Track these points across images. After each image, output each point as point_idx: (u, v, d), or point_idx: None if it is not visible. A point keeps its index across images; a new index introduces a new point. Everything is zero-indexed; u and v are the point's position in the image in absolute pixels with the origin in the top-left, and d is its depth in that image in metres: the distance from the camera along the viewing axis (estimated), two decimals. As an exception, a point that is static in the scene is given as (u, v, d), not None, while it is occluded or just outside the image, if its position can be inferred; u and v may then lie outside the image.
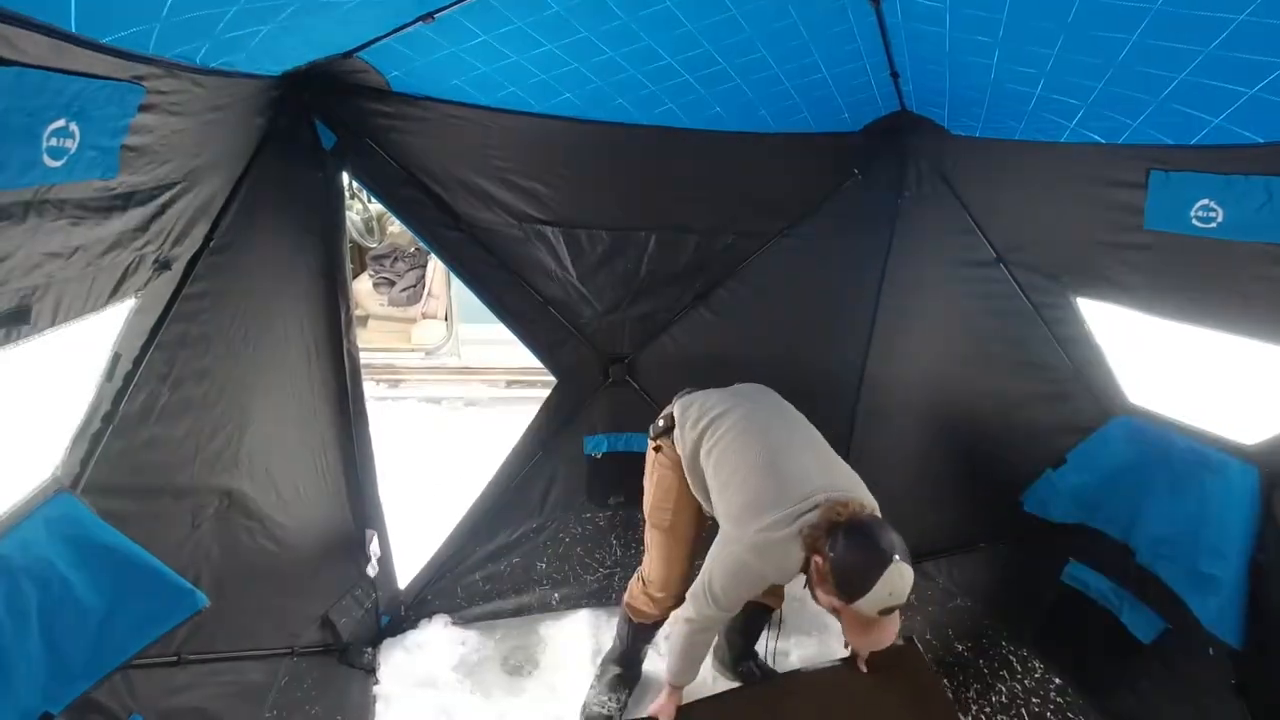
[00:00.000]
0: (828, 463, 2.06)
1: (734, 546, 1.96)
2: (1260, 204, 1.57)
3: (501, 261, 2.56)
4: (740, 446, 2.08)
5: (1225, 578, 1.79)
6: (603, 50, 1.91)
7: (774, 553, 1.88)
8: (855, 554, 1.72)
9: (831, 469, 2.03)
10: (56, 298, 1.25)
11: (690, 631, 2.13)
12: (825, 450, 2.11)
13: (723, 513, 2.05)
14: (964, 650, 2.64)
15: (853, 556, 1.72)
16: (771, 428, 2.13)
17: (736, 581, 1.98)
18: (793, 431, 2.14)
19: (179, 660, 1.85)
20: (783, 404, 2.28)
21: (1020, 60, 1.64)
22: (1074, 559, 2.33)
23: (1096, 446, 2.20)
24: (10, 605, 1.31)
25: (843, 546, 1.74)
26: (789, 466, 1.98)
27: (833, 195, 2.70)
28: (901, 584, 1.70)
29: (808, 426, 2.19)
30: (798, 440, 2.11)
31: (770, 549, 1.88)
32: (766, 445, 2.05)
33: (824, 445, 2.13)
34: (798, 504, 1.86)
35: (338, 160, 2.25)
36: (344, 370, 2.44)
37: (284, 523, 2.26)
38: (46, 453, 1.47)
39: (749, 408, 2.20)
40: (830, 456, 2.09)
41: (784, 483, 1.94)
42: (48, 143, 1.06)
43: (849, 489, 1.94)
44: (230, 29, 1.32)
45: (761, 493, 1.95)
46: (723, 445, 2.11)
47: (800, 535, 1.82)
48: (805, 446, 2.09)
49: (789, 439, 2.10)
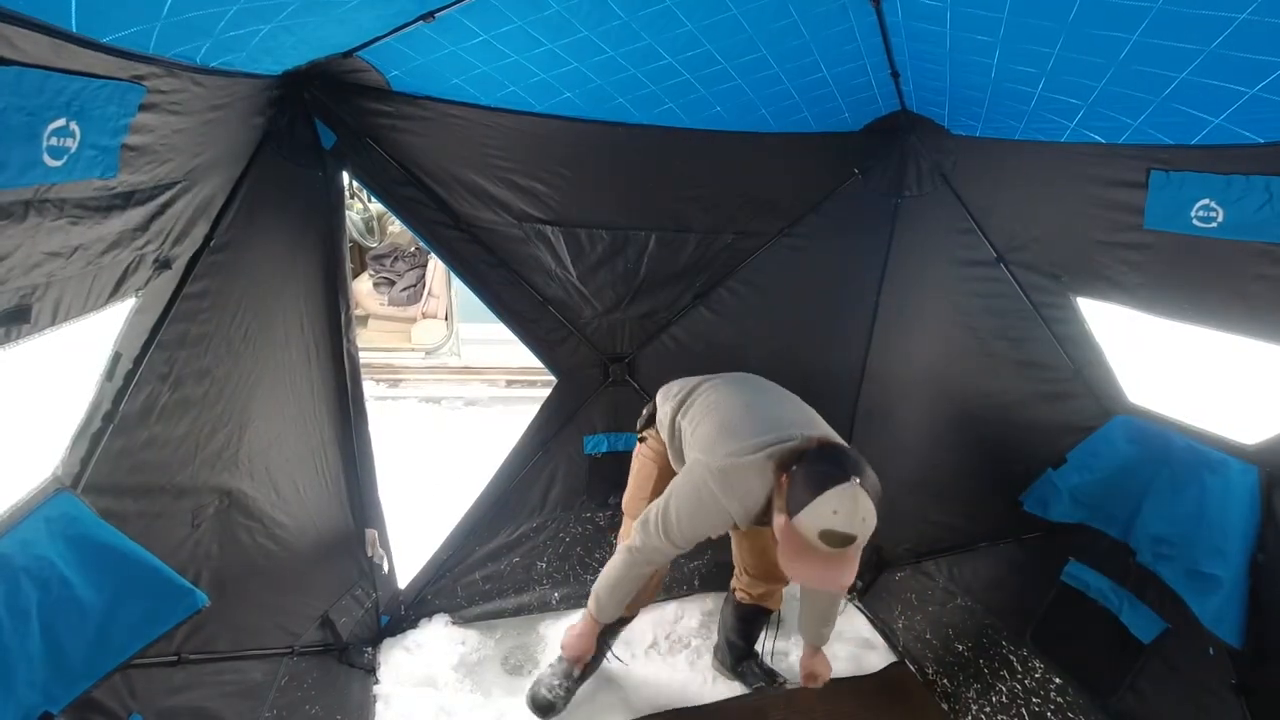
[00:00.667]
0: (811, 416, 1.99)
1: (698, 470, 1.84)
2: (1260, 204, 1.58)
3: (501, 261, 2.56)
4: (717, 400, 2.03)
5: (1225, 577, 1.79)
6: (603, 49, 1.91)
7: (739, 479, 1.76)
8: (816, 466, 1.63)
9: (815, 422, 1.95)
10: (57, 297, 1.25)
11: (628, 562, 1.99)
12: (811, 411, 2.03)
13: (695, 444, 1.94)
14: (964, 650, 2.64)
15: (813, 469, 1.63)
16: (752, 390, 2.10)
17: (693, 509, 1.84)
18: (776, 393, 2.11)
19: (179, 660, 1.85)
20: (771, 383, 2.25)
21: (1021, 59, 1.64)
22: (1074, 559, 2.33)
23: (1097, 446, 2.20)
24: (10, 605, 1.31)
25: (808, 460, 1.66)
26: (768, 411, 1.93)
27: (833, 195, 2.70)
28: (851, 506, 1.56)
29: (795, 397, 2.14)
30: (780, 398, 2.08)
31: (736, 474, 1.77)
32: (745, 397, 2.01)
33: (811, 409, 2.05)
34: (773, 434, 1.78)
35: (338, 160, 2.25)
36: (344, 370, 2.44)
37: (284, 522, 2.26)
38: (47, 452, 1.47)
39: (729, 378, 2.19)
40: (815, 415, 2.01)
41: (760, 419, 1.87)
42: (48, 142, 1.06)
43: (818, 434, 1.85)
44: (230, 28, 1.32)
45: (736, 423, 1.88)
46: (699, 404, 2.07)
47: (770, 460, 1.73)
48: (786, 401, 2.05)
49: (770, 396, 2.07)
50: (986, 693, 2.50)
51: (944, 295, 2.63)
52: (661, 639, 2.87)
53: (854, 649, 2.86)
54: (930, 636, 2.78)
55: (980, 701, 2.50)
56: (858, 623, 3.01)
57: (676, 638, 2.87)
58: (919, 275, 2.73)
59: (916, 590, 2.92)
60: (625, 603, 2.12)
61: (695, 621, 2.96)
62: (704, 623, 2.97)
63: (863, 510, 1.59)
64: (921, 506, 2.86)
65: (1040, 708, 2.34)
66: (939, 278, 2.63)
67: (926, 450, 2.79)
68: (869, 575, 3.09)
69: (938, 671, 2.67)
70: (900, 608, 2.94)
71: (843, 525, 1.57)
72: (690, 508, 1.85)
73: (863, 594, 3.09)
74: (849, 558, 1.64)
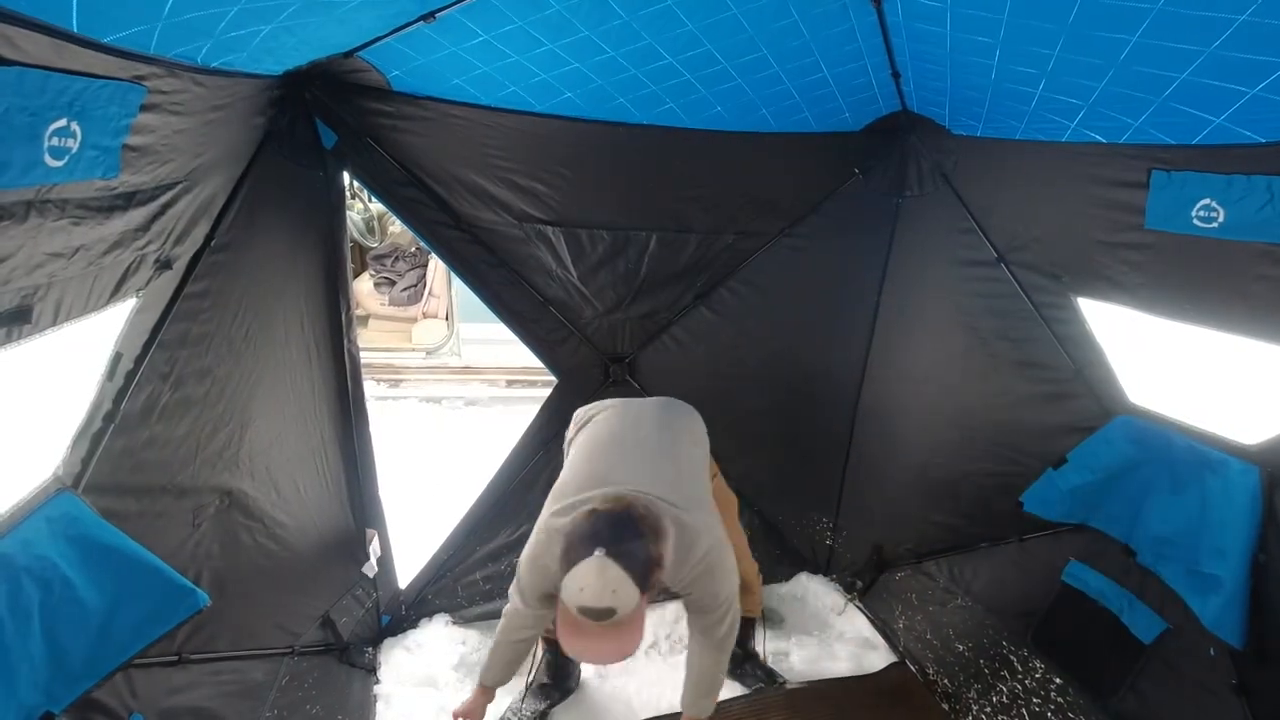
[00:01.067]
0: (654, 466, 1.84)
1: (533, 532, 1.83)
2: (1261, 204, 1.57)
3: (502, 261, 2.56)
4: (582, 442, 2.02)
5: (1226, 578, 1.79)
6: (603, 49, 1.91)
7: (553, 540, 1.69)
8: (572, 538, 1.53)
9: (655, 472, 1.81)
10: (58, 297, 1.26)
11: (501, 626, 1.98)
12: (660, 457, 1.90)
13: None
14: (964, 650, 2.64)
15: (569, 541, 1.54)
16: (625, 428, 2.01)
17: (529, 568, 1.82)
18: (644, 435, 1.98)
19: (180, 660, 1.85)
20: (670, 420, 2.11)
21: (1021, 60, 1.64)
22: (1074, 559, 2.33)
23: (1097, 446, 2.20)
24: (12, 605, 1.31)
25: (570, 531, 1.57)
26: (609, 459, 1.87)
27: (833, 195, 2.70)
28: (596, 582, 1.45)
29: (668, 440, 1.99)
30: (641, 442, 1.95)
31: (550, 535, 1.73)
32: (599, 445, 1.97)
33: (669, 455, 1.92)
34: (589, 493, 1.72)
35: (338, 160, 2.25)
36: (344, 370, 2.44)
37: (284, 522, 2.26)
38: (48, 452, 1.47)
39: (620, 412, 2.10)
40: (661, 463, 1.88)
41: (593, 473, 1.82)
42: (49, 142, 1.06)
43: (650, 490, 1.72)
44: (231, 29, 1.32)
45: (571, 479, 1.86)
46: (577, 440, 2.06)
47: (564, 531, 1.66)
48: (643, 448, 1.92)
49: (633, 438, 1.96)
50: (987, 693, 2.50)
51: (945, 295, 2.63)
52: (662, 639, 2.87)
53: (854, 649, 2.86)
54: (931, 636, 2.78)
55: (981, 702, 2.50)
56: (858, 623, 3.01)
57: (677, 638, 2.87)
58: (920, 275, 2.73)
59: (917, 590, 2.92)
60: (511, 666, 2.03)
61: (696, 621, 2.97)
62: (704, 623, 2.98)
63: (611, 582, 1.46)
64: (922, 506, 2.86)
65: (1041, 708, 2.34)
66: (940, 278, 2.63)
67: (927, 450, 2.79)
68: (869, 575, 3.09)
69: (938, 671, 2.67)
70: (901, 608, 2.94)
71: (592, 600, 1.46)
72: (527, 567, 1.83)
73: (863, 594, 3.09)
74: (620, 631, 1.52)
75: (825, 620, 3.05)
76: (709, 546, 1.76)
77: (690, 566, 1.74)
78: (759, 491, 3.12)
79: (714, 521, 1.85)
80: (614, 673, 2.71)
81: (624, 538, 1.51)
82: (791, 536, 3.23)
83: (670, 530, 1.66)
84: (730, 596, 1.85)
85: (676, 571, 1.73)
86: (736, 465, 3.06)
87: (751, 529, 3.17)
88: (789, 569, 3.25)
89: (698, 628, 1.92)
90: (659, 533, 1.60)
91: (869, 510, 3.11)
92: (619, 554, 1.47)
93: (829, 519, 3.21)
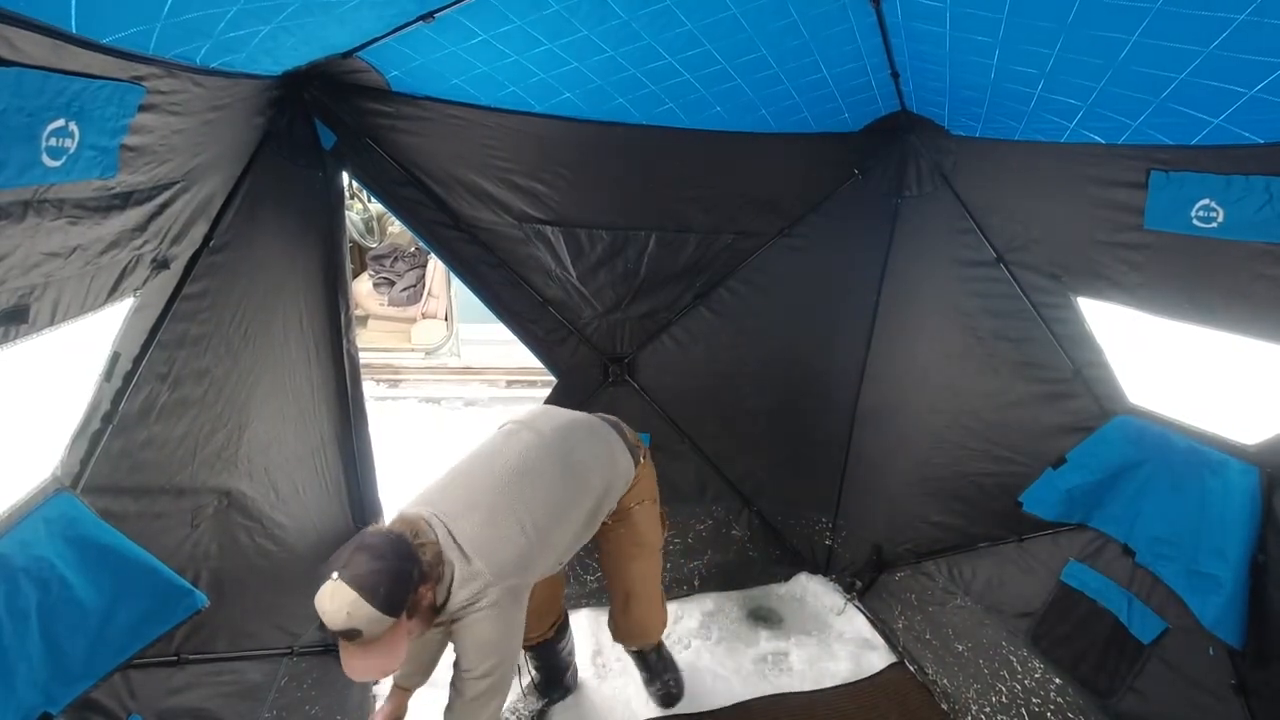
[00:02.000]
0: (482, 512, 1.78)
1: None
2: (1261, 204, 1.58)
3: (501, 261, 2.56)
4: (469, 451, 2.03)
5: (1226, 578, 1.79)
6: (603, 49, 1.91)
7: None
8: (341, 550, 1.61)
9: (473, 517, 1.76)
10: (55, 297, 1.25)
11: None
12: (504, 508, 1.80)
13: None
14: (963, 650, 2.64)
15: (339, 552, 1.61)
16: (495, 453, 1.96)
17: None
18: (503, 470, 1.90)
19: (178, 660, 1.85)
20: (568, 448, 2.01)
21: (1020, 60, 1.64)
22: (1074, 559, 2.33)
23: (1097, 446, 2.20)
24: (10, 605, 1.31)
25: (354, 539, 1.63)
26: (451, 481, 1.89)
27: (833, 195, 2.70)
28: (330, 604, 1.50)
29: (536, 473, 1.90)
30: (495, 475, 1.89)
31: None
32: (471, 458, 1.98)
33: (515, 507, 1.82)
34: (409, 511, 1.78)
35: (337, 160, 2.25)
36: (344, 370, 2.44)
37: (283, 522, 2.26)
38: (46, 452, 1.47)
39: (517, 428, 2.06)
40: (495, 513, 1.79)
41: (430, 489, 1.87)
42: (47, 142, 1.06)
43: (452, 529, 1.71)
44: (230, 29, 1.32)
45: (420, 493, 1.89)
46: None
47: None
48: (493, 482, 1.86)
49: (487, 468, 1.91)
50: (986, 693, 2.50)
51: (944, 295, 2.63)
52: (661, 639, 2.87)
53: (854, 649, 2.86)
54: (930, 636, 2.78)
55: (980, 702, 2.50)
56: (858, 623, 3.01)
57: (676, 638, 2.87)
58: (919, 275, 2.73)
59: (916, 590, 2.92)
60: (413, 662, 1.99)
61: (695, 622, 2.96)
62: (704, 623, 2.97)
63: (341, 604, 1.49)
64: (921, 506, 2.86)
65: (1040, 708, 2.34)
66: (939, 278, 2.63)
67: (927, 450, 2.79)
68: (869, 575, 3.09)
69: (938, 671, 2.67)
70: (900, 608, 2.94)
71: (328, 621, 1.52)
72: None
73: (862, 594, 3.09)
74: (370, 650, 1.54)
75: (824, 620, 3.04)
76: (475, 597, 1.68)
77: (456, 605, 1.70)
78: (758, 491, 3.13)
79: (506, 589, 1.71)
80: (614, 673, 2.71)
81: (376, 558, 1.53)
82: (791, 536, 3.23)
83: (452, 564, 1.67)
84: (485, 657, 1.72)
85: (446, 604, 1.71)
86: (736, 465, 3.08)
87: (751, 529, 3.18)
88: (788, 569, 3.25)
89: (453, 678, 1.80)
90: (435, 562, 1.63)
91: (868, 510, 3.11)
92: (357, 580, 1.50)
93: (828, 519, 3.21)
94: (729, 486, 3.10)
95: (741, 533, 3.16)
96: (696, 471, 3.03)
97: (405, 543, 1.61)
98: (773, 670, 2.77)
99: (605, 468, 2.08)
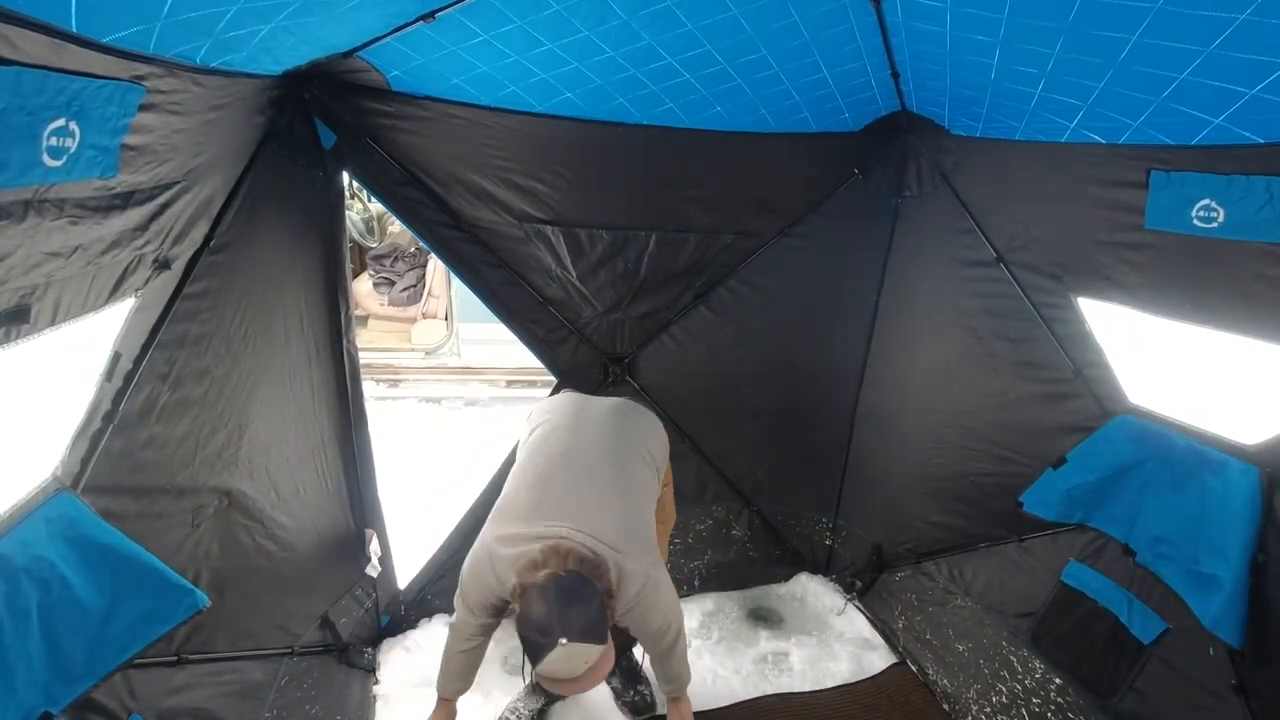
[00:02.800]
0: (601, 502, 1.86)
1: (478, 546, 1.86)
2: (1261, 204, 1.58)
3: (501, 261, 2.56)
4: (533, 449, 2.03)
5: (1226, 577, 1.79)
6: (603, 49, 1.91)
7: (497, 566, 1.78)
8: (531, 626, 1.61)
9: (600, 511, 1.83)
10: (56, 297, 1.25)
11: (450, 638, 2.01)
12: (609, 489, 1.91)
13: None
14: (964, 651, 2.64)
15: (529, 628, 1.61)
16: (570, 443, 2.01)
17: (473, 582, 1.86)
18: (591, 456, 1.98)
19: (179, 660, 1.85)
20: (625, 428, 2.13)
21: (1021, 60, 1.64)
22: (1074, 559, 2.33)
23: (1097, 446, 2.20)
24: (10, 605, 1.31)
25: (523, 613, 1.63)
26: (556, 488, 1.88)
27: (833, 195, 2.70)
28: (568, 666, 1.57)
29: (621, 461, 2.01)
30: (587, 466, 1.96)
31: (495, 561, 1.79)
32: (551, 457, 1.97)
33: (617, 485, 1.94)
34: (538, 528, 1.77)
35: (338, 160, 2.25)
36: (344, 370, 2.44)
37: (284, 522, 2.26)
38: (46, 452, 1.47)
39: (572, 419, 2.10)
40: (608, 497, 1.89)
41: (540, 501, 1.85)
42: (47, 142, 1.06)
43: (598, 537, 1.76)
44: (230, 28, 1.32)
45: (518, 501, 1.88)
46: (527, 445, 2.08)
47: (512, 569, 1.72)
48: (588, 474, 1.93)
49: (579, 460, 1.96)
50: (987, 693, 2.50)
51: (944, 295, 2.63)
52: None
53: (854, 649, 2.86)
54: (930, 637, 2.78)
55: (980, 702, 2.50)
56: (858, 623, 3.01)
57: (676, 638, 2.87)
58: (919, 275, 2.73)
59: (917, 590, 2.92)
60: (463, 676, 2.05)
61: (695, 622, 2.96)
62: (704, 623, 2.98)
63: (580, 659, 1.58)
64: (922, 506, 2.86)
65: (1040, 708, 2.34)
66: (939, 278, 2.63)
67: (927, 450, 2.79)
68: (869, 575, 3.09)
69: (938, 672, 2.67)
70: (900, 608, 2.94)
71: (567, 676, 1.61)
72: (469, 579, 1.87)
73: (863, 594, 3.09)
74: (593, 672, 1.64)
75: (825, 620, 3.05)
76: (641, 587, 1.79)
77: (624, 604, 1.78)
78: (759, 491, 3.13)
79: (650, 562, 1.84)
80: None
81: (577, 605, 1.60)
82: (791, 536, 3.23)
83: (613, 573, 1.74)
84: (667, 622, 1.90)
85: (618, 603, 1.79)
86: (736, 465, 3.08)
87: (752, 529, 3.18)
88: (788, 569, 3.25)
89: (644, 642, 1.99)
90: (604, 579, 1.69)
91: (869, 510, 3.11)
92: (580, 633, 1.57)
93: (828, 519, 3.21)
94: (729, 486, 3.10)
95: (742, 533, 3.17)
96: (697, 471, 3.03)
97: (586, 579, 1.65)
98: (773, 670, 2.78)
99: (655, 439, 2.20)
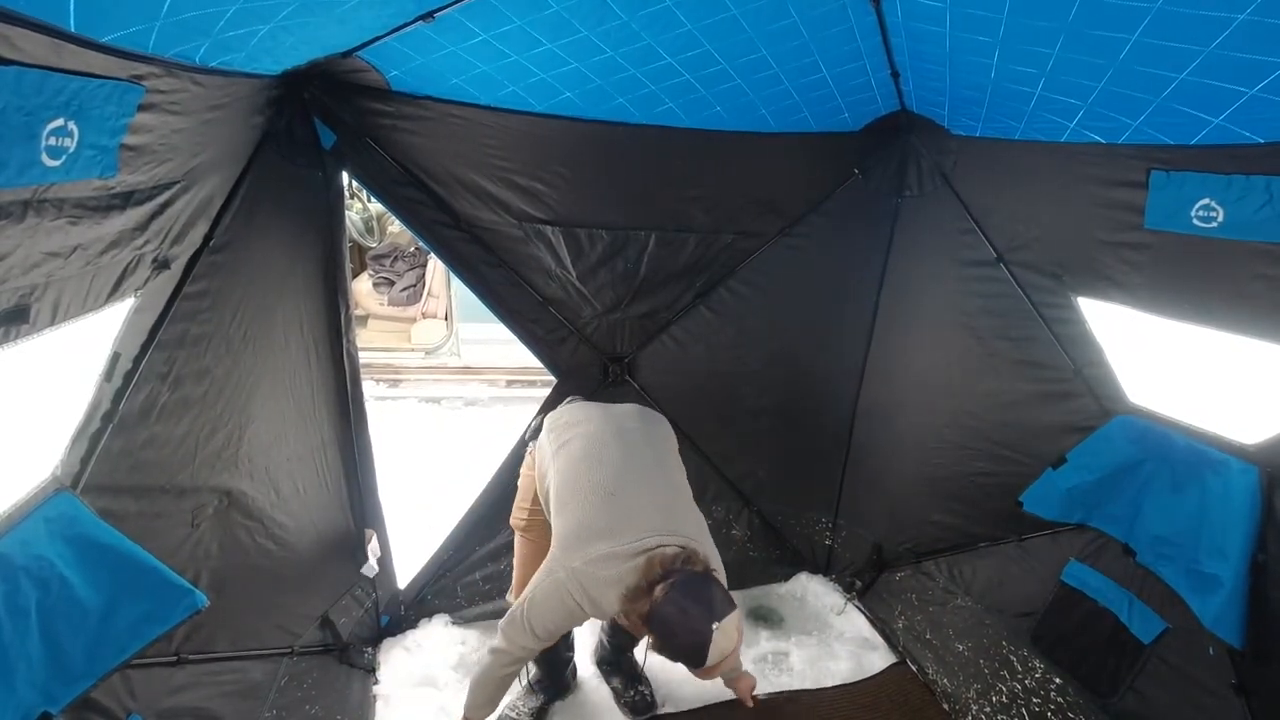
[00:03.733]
0: (669, 502, 1.93)
1: (559, 574, 1.81)
2: (1261, 204, 1.58)
3: (501, 261, 2.56)
4: (583, 464, 1.98)
5: (1226, 577, 1.79)
6: (603, 49, 1.91)
7: (593, 590, 1.77)
8: (683, 634, 1.63)
9: (673, 510, 1.90)
10: (55, 297, 1.25)
11: (493, 664, 1.94)
12: (670, 489, 1.98)
13: (556, 533, 1.91)
14: (964, 650, 2.64)
15: (682, 637, 1.64)
16: (621, 453, 2.00)
17: (555, 611, 1.84)
18: (643, 462, 2.01)
19: (178, 660, 1.85)
20: (653, 433, 2.17)
21: (1020, 60, 1.64)
22: (1074, 559, 2.33)
23: (1097, 446, 2.20)
24: (10, 605, 1.31)
25: (660, 618, 1.64)
26: (626, 500, 1.88)
27: (833, 195, 2.70)
28: (726, 643, 1.65)
29: (665, 463, 2.07)
30: (644, 471, 1.98)
31: (590, 585, 1.77)
32: (608, 470, 1.94)
33: (673, 484, 2.01)
34: (628, 543, 1.76)
35: (337, 159, 2.24)
36: (344, 370, 2.44)
37: (284, 522, 2.26)
38: (46, 452, 1.47)
39: (607, 428, 2.09)
40: (674, 497, 1.96)
41: (617, 516, 1.83)
42: (46, 142, 1.06)
43: (682, 534, 1.82)
44: (229, 28, 1.32)
45: (593, 521, 1.85)
46: (565, 457, 2.02)
47: (622, 582, 1.73)
48: (648, 479, 1.97)
49: (635, 468, 1.97)
50: (987, 693, 2.50)
51: (944, 295, 2.63)
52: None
53: (854, 649, 2.86)
54: (930, 636, 2.78)
55: (980, 702, 2.49)
56: (858, 623, 3.01)
57: (676, 638, 2.87)
58: (919, 275, 2.73)
59: (917, 590, 2.92)
60: (495, 700, 2.03)
61: (695, 621, 2.96)
62: (704, 623, 2.97)
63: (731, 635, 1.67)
64: (922, 506, 2.86)
65: (1040, 708, 2.34)
66: (939, 277, 2.63)
67: (927, 450, 2.79)
68: (869, 575, 3.09)
69: (938, 671, 2.67)
70: (900, 608, 2.94)
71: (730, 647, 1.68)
72: (552, 609, 1.84)
73: (863, 594, 3.09)
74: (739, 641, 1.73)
75: (825, 620, 3.05)
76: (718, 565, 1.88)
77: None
78: (759, 491, 3.13)
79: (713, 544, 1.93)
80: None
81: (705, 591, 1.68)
82: (791, 536, 3.23)
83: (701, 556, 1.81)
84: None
85: None
86: (736, 465, 3.08)
87: (751, 528, 3.18)
88: (788, 569, 3.25)
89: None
90: (702, 563, 1.77)
91: (868, 510, 3.11)
92: (721, 610, 1.66)
93: (828, 519, 3.21)
94: (729, 486, 3.10)
95: (741, 533, 3.16)
96: (697, 471, 3.01)
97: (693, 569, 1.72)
98: (773, 670, 2.77)
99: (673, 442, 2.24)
